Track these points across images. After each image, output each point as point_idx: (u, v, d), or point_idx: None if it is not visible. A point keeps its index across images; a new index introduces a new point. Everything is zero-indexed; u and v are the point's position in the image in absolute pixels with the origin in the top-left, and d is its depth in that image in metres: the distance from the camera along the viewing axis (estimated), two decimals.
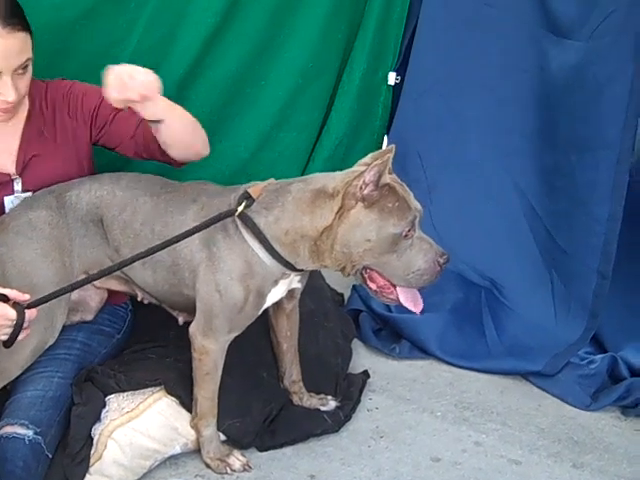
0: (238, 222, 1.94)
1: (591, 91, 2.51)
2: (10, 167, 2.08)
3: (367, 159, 1.98)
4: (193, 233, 1.90)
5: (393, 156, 1.92)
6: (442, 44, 2.82)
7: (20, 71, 1.95)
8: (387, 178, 1.88)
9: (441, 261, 1.90)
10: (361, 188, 1.85)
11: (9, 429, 1.85)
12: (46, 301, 1.80)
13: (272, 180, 2.02)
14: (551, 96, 2.64)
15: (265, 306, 2.05)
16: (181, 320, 2.14)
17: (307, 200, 1.90)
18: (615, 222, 2.52)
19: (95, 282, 2.09)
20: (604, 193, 2.52)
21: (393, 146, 1.96)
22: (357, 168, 1.94)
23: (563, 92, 2.60)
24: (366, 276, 1.94)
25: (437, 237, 1.98)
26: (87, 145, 2.18)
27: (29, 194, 2.09)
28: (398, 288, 1.94)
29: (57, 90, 2.14)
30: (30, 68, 2.00)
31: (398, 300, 1.95)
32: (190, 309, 2.04)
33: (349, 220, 1.86)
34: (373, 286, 1.95)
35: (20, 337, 1.77)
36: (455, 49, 2.81)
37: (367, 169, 1.84)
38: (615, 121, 2.46)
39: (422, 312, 1.99)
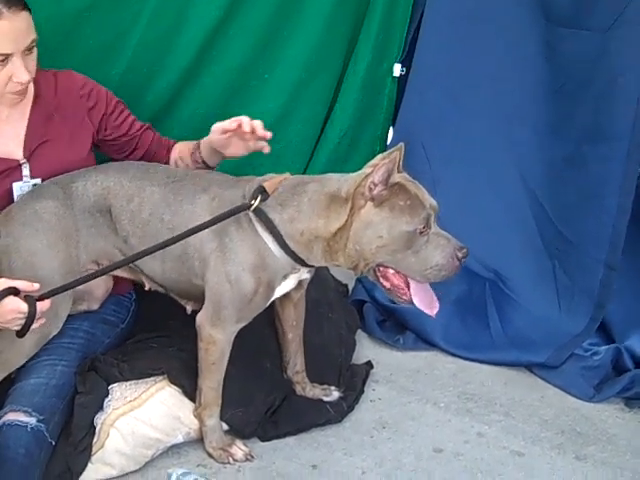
0: (252, 216, 1.94)
1: (605, 82, 2.50)
2: (18, 153, 2.09)
3: (376, 160, 1.97)
4: (208, 227, 1.90)
5: (403, 154, 1.93)
6: (447, 36, 2.80)
7: (27, 52, 1.97)
8: (397, 177, 1.88)
9: (460, 255, 1.89)
10: (370, 188, 1.85)
11: (12, 416, 1.86)
12: (57, 293, 1.81)
13: (288, 175, 2.02)
14: (563, 87, 2.63)
15: (273, 298, 2.06)
16: (189, 309, 2.14)
17: (323, 204, 1.91)
18: (624, 214, 2.51)
19: None
20: (614, 185, 2.51)
21: (402, 144, 1.94)
22: (367, 170, 1.94)
23: (577, 83, 2.59)
24: (379, 274, 1.93)
25: (442, 229, 1.97)
26: (90, 140, 2.21)
27: (38, 180, 2.11)
28: (412, 290, 1.93)
29: (69, 83, 2.16)
30: (35, 49, 2.01)
31: (412, 302, 1.94)
32: (198, 298, 2.05)
33: (360, 219, 1.87)
34: (387, 284, 1.95)
35: (34, 326, 1.78)
36: (460, 41, 2.80)
37: (375, 169, 1.84)
38: (627, 112, 2.45)
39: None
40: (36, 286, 1.77)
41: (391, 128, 3.05)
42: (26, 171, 2.10)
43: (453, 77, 2.83)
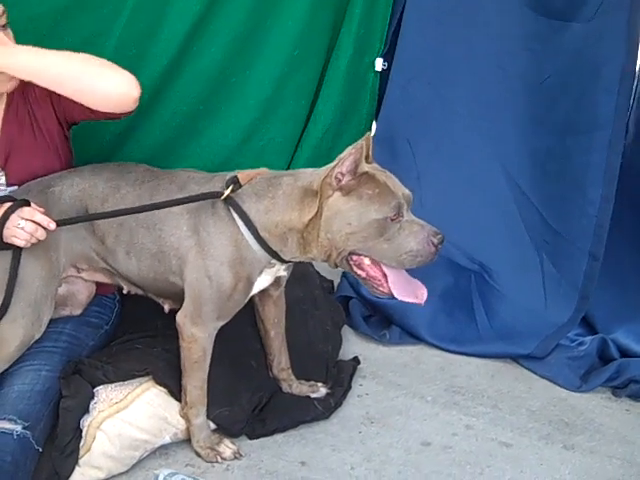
0: (229, 206, 1.95)
1: (588, 73, 2.52)
2: None
3: (345, 152, 1.97)
4: (176, 204, 1.94)
5: (370, 144, 1.94)
6: (429, 30, 2.81)
7: (2, 28, 1.94)
8: (365, 167, 1.88)
9: (435, 241, 1.88)
10: (337, 178, 1.86)
11: None
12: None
13: (265, 169, 2.03)
14: (547, 78, 2.63)
15: (252, 293, 2.06)
16: (167, 308, 2.14)
17: (296, 197, 1.93)
18: (607, 204, 2.52)
19: (82, 274, 2.13)
20: (597, 175, 2.52)
21: (369, 134, 1.96)
22: (336, 161, 1.94)
23: (562, 75, 2.60)
24: (352, 263, 1.93)
25: (427, 221, 1.96)
26: (58, 133, 2.15)
27: (15, 188, 2.08)
28: (391, 282, 1.92)
29: (29, 83, 2.10)
30: (9, 32, 1.97)
31: (391, 294, 1.93)
32: (176, 297, 2.05)
33: (329, 208, 1.88)
34: (362, 274, 1.95)
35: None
36: (442, 35, 2.80)
37: (342, 159, 1.85)
38: (608, 102, 2.46)
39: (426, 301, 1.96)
40: (52, 226, 1.89)
41: (374, 123, 3.05)
42: (2, 179, 2.08)
43: (436, 71, 2.84)
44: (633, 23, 2.42)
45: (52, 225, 1.90)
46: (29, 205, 1.91)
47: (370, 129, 3.06)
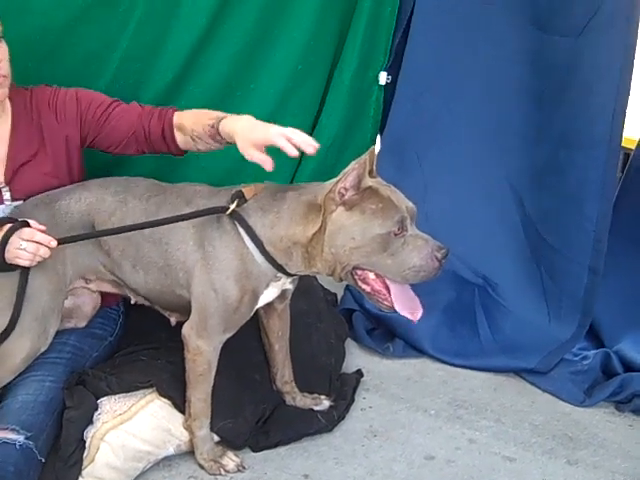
0: (235, 221, 1.95)
1: (582, 87, 2.51)
2: None
3: (349, 167, 1.97)
4: (182, 219, 1.94)
5: (374, 158, 1.94)
6: (436, 43, 2.82)
7: None
8: (368, 181, 1.89)
9: (439, 255, 1.88)
10: (341, 193, 1.87)
11: (0, 434, 1.85)
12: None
13: (269, 183, 2.04)
14: (544, 93, 2.64)
15: (257, 306, 2.06)
16: (173, 321, 2.15)
17: (300, 211, 1.93)
18: (605, 219, 2.52)
19: (90, 285, 2.14)
20: (594, 190, 2.51)
21: (373, 148, 1.96)
22: (340, 176, 1.94)
23: (554, 89, 2.61)
24: (357, 278, 1.93)
25: (432, 234, 1.97)
26: (78, 149, 2.18)
27: (20, 202, 2.09)
28: (393, 295, 1.93)
29: (42, 97, 2.13)
30: (3, 45, 1.97)
31: (393, 308, 1.94)
32: (183, 309, 2.05)
33: (332, 223, 1.88)
34: (367, 288, 1.95)
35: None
36: (449, 48, 2.82)
37: (345, 174, 1.85)
38: (604, 118, 2.46)
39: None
40: (53, 244, 1.88)
41: (378, 136, 3.06)
42: (7, 195, 2.08)
43: (443, 84, 2.85)
44: (628, 40, 2.42)
45: (53, 243, 1.89)
46: (29, 226, 1.90)
47: (374, 142, 3.07)
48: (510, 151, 2.79)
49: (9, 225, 1.89)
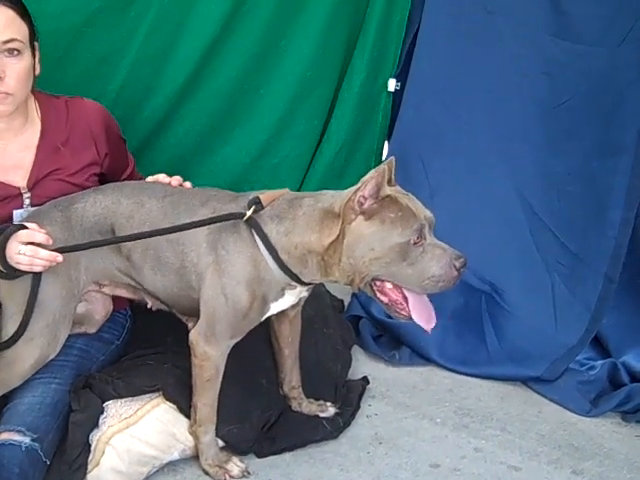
0: (251, 227, 1.94)
1: (613, 97, 2.52)
2: (21, 181, 2.08)
3: (368, 175, 1.95)
4: (198, 226, 1.92)
5: (394, 168, 1.94)
6: (443, 50, 2.83)
7: (6, 54, 1.93)
8: (387, 190, 1.88)
9: (457, 265, 1.86)
10: (360, 202, 1.85)
11: (6, 435, 1.85)
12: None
13: (287, 190, 2.03)
14: (566, 103, 2.64)
15: (269, 314, 2.05)
16: (191, 326, 2.11)
17: (316, 219, 1.92)
18: (627, 226, 2.53)
19: (104, 289, 2.13)
20: (619, 197, 2.52)
21: (392, 158, 1.95)
22: (359, 184, 1.93)
23: (584, 98, 2.61)
24: (376, 289, 1.92)
25: (449, 244, 1.94)
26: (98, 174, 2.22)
27: (37, 208, 2.09)
28: (411, 305, 1.91)
29: (81, 111, 2.14)
30: (25, 59, 1.97)
31: (410, 317, 1.92)
32: (199, 314, 2.03)
33: (351, 233, 1.86)
34: (385, 299, 1.93)
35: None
36: (457, 55, 2.82)
37: (364, 183, 1.85)
38: (632, 126, 2.48)
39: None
40: (51, 241, 1.88)
41: (386, 143, 3.06)
42: (27, 200, 2.09)
43: (450, 91, 2.85)
44: None
45: (50, 241, 1.88)
46: (26, 229, 1.88)
47: (382, 149, 3.09)
48: (518, 159, 2.79)
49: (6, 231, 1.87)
